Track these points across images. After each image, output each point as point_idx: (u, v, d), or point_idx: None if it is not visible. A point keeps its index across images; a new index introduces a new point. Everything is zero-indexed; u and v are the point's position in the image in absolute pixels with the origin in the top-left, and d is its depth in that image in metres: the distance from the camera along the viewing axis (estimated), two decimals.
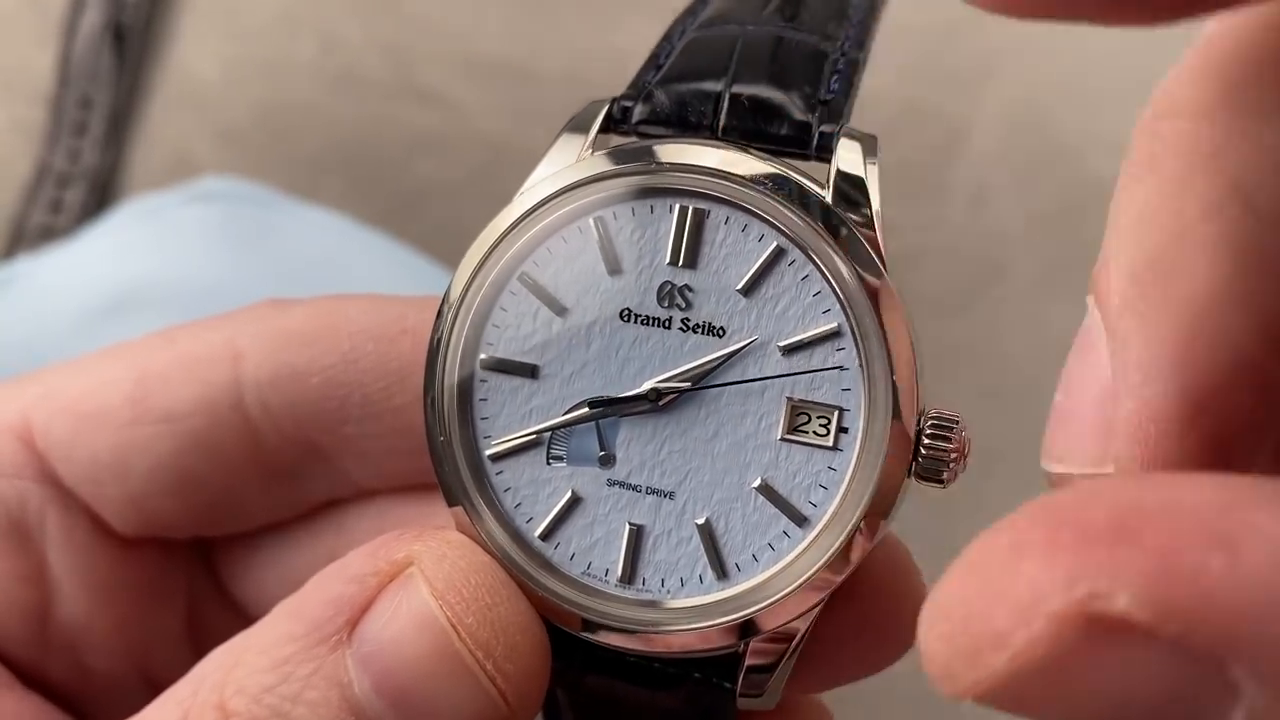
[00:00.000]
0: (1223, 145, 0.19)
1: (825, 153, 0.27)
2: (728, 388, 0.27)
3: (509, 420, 0.28)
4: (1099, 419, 0.19)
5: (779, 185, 0.26)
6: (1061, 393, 0.21)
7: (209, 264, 0.61)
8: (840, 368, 0.26)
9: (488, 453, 0.28)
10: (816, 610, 0.27)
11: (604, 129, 0.28)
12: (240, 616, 0.36)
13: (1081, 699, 0.16)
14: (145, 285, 0.60)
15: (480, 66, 0.86)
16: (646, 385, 0.27)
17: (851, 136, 0.27)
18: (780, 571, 0.27)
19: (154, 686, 0.29)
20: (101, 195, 0.83)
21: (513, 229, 0.28)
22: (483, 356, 0.28)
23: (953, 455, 0.26)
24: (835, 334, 0.26)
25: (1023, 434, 0.34)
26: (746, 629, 0.27)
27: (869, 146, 0.27)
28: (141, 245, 0.64)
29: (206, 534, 0.36)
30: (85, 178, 0.83)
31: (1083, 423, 0.20)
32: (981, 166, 0.82)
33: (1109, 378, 0.19)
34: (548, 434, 0.28)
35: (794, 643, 0.27)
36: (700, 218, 0.27)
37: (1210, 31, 0.21)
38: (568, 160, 0.28)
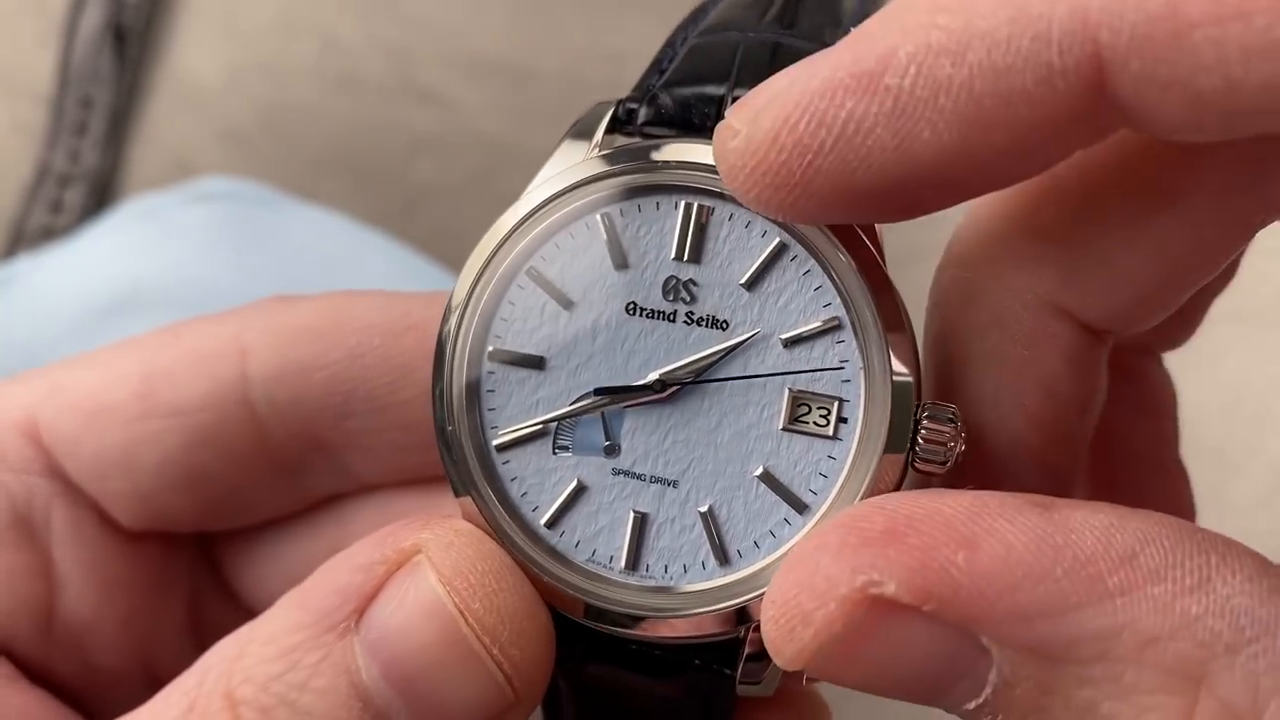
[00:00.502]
0: (982, 288, 0.27)
1: None
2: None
3: (516, 411, 0.28)
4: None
5: None
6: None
7: (209, 264, 0.62)
8: (840, 360, 0.27)
9: (495, 443, 0.29)
10: None
11: (609, 130, 0.29)
12: (243, 610, 0.37)
13: (872, 665, 0.22)
14: (145, 285, 0.60)
15: (480, 67, 0.86)
16: (652, 376, 0.28)
17: None
18: (781, 558, 0.27)
19: (157, 680, 0.30)
20: (101, 195, 0.84)
21: (521, 225, 0.28)
22: (491, 349, 0.29)
23: (950, 444, 0.26)
24: (836, 327, 0.27)
25: None
26: (747, 615, 0.27)
27: None
28: (142, 245, 0.64)
29: (211, 528, 0.36)
30: (85, 178, 0.83)
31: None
32: None
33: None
34: (554, 424, 0.28)
35: None
36: (705, 214, 0.28)
37: (973, 205, 0.28)
38: (574, 159, 0.28)
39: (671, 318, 0.28)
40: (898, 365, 0.27)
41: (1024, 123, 0.20)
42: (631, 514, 0.28)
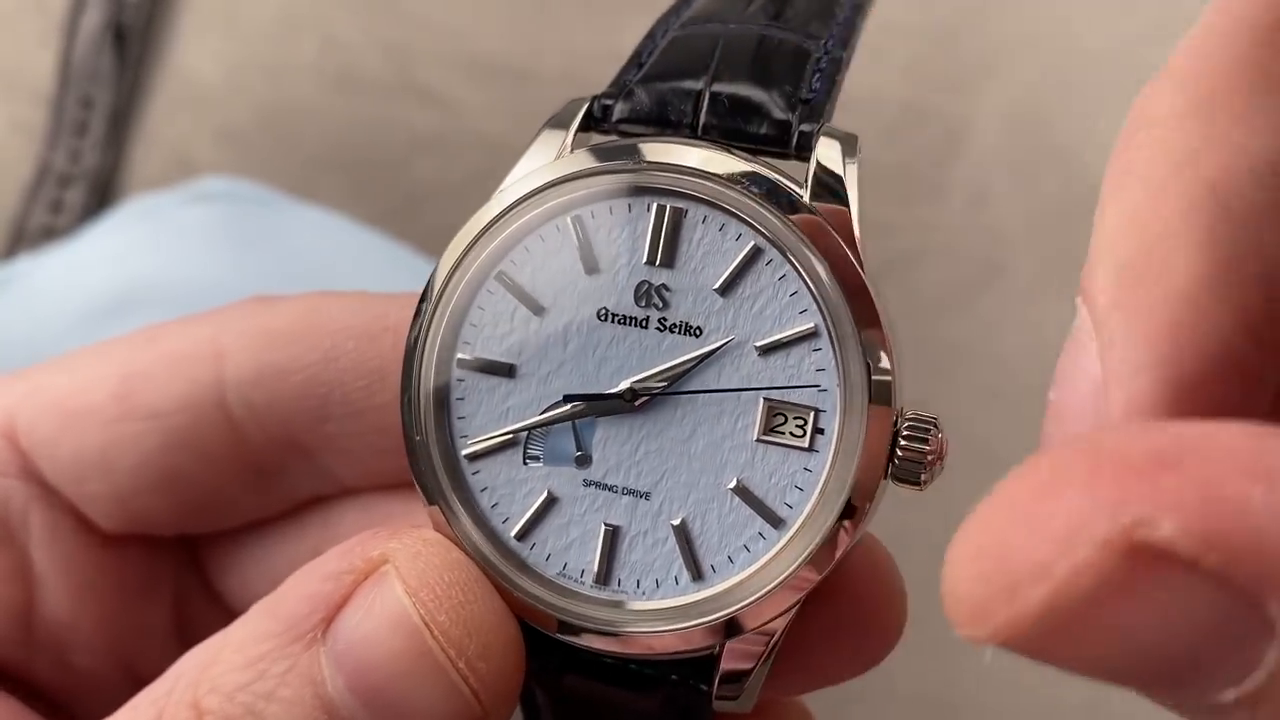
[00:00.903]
0: (1197, 150, 0.20)
1: (805, 151, 0.27)
2: (704, 386, 0.27)
3: (486, 420, 0.28)
4: (1091, 413, 0.20)
5: (757, 184, 0.26)
6: (1055, 390, 0.21)
7: (209, 264, 0.61)
8: (816, 368, 0.26)
9: (464, 452, 0.28)
10: (793, 612, 0.26)
11: (584, 127, 0.28)
12: (226, 613, 0.36)
13: (1112, 638, 0.16)
14: (145, 285, 0.60)
15: (480, 67, 0.86)
16: (623, 385, 0.27)
17: (831, 135, 0.27)
18: (756, 573, 0.26)
19: (139, 683, 0.29)
20: (102, 195, 0.84)
21: (490, 227, 0.28)
22: (460, 356, 0.28)
23: (929, 457, 0.25)
24: (812, 334, 0.26)
25: (1021, 433, 0.34)
26: (723, 630, 0.27)
27: (849, 145, 0.27)
28: (141, 245, 0.64)
29: (191, 531, 0.36)
30: (86, 178, 0.83)
31: (1076, 417, 0.20)
32: (981, 166, 0.81)
33: (1099, 374, 0.20)
34: (524, 433, 0.28)
35: (770, 644, 0.27)
36: (678, 217, 0.27)
37: (1179, 48, 0.22)
38: (547, 158, 0.28)
39: (644, 324, 0.27)
40: (876, 375, 0.26)
41: None
42: (603, 527, 0.27)
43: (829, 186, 0.26)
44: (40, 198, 0.83)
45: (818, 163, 0.27)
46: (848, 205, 0.26)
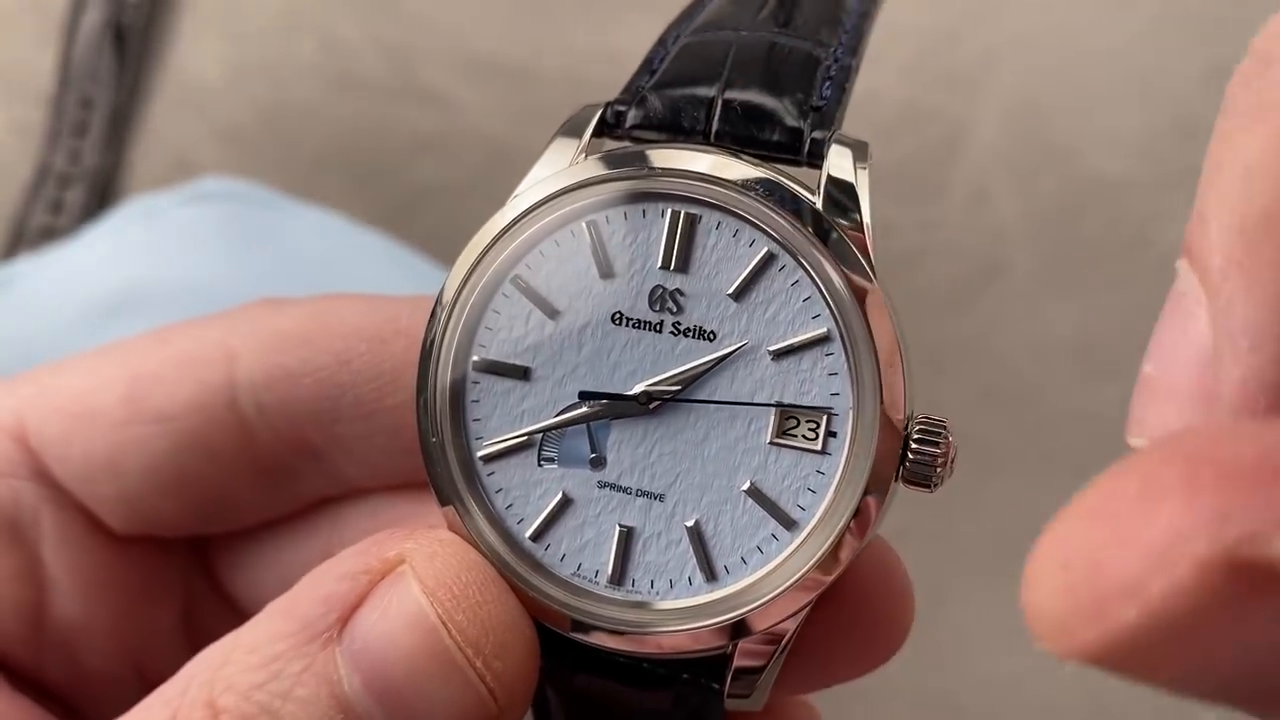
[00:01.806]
0: None
1: (816, 159, 0.27)
2: (718, 389, 0.27)
3: (501, 422, 0.28)
4: (1198, 389, 0.18)
5: (770, 191, 0.27)
6: (1151, 363, 0.19)
7: (209, 264, 0.61)
8: (829, 372, 0.27)
9: (479, 454, 0.28)
10: (805, 612, 0.27)
11: (597, 133, 0.29)
12: (235, 614, 0.37)
13: (1208, 661, 0.14)
14: (145, 286, 0.60)
15: (480, 67, 0.86)
16: (638, 388, 0.27)
17: (842, 143, 0.27)
18: (769, 574, 0.27)
19: (149, 684, 0.29)
20: (102, 196, 0.84)
21: (506, 232, 0.28)
22: (475, 358, 0.28)
23: (939, 460, 0.26)
24: (824, 339, 0.26)
25: (1022, 433, 0.34)
26: (736, 630, 0.27)
27: (860, 152, 0.27)
28: (141, 245, 0.64)
29: (201, 532, 0.36)
30: (86, 178, 0.83)
31: (1179, 393, 0.18)
32: (981, 166, 0.82)
33: (1208, 344, 0.17)
34: (539, 436, 0.28)
35: (782, 644, 0.27)
36: (692, 222, 0.27)
37: None
38: (561, 165, 0.28)
39: (658, 328, 0.27)
40: (887, 378, 0.26)
41: None
42: (617, 528, 0.27)
43: (841, 193, 0.27)
44: (40, 198, 0.83)
45: (830, 170, 0.27)
46: (859, 212, 0.27)
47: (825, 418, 0.26)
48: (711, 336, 0.27)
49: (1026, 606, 0.15)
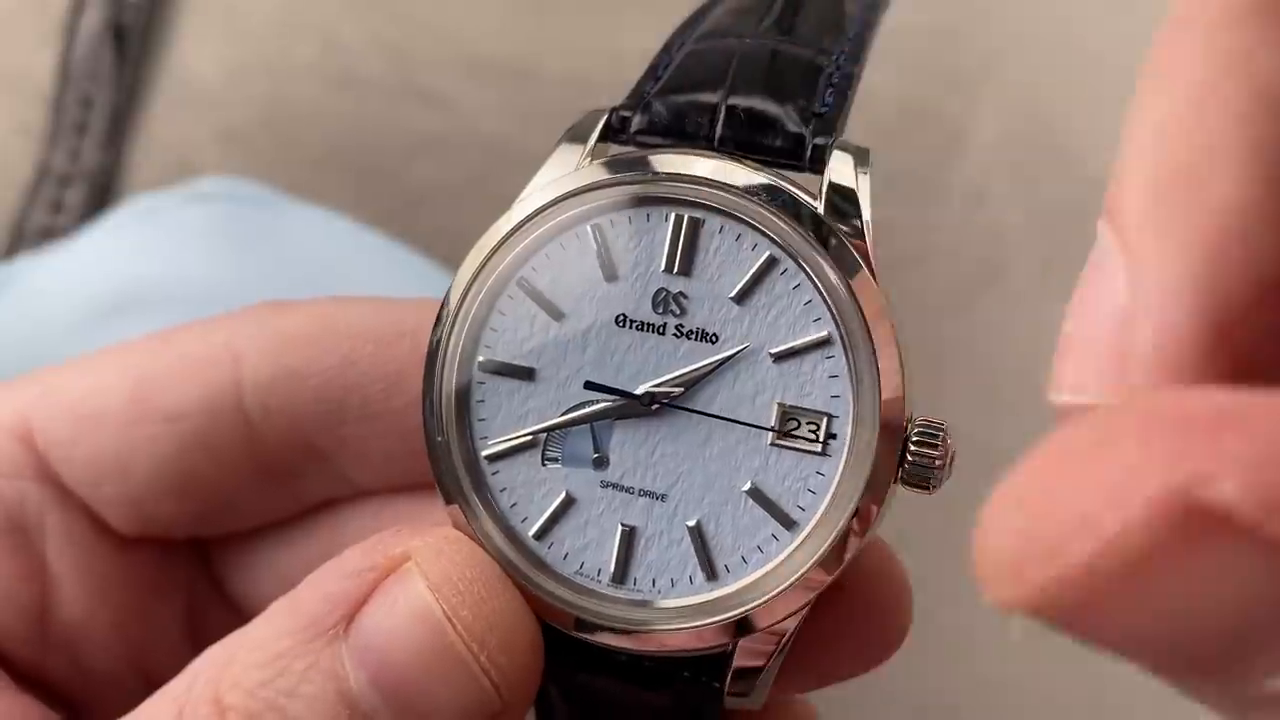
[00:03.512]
0: (1251, 52, 0.17)
1: (818, 165, 0.28)
2: (720, 391, 0.27)
3: (506, 422, 0.28)
4: (1114, 345, 0.18)
5: (772, 196, 0.27)
6: (1071, 322, 0.19)
7: (209, 264, 0.62)
8: (829, 375, 0.27)
9: (484, 453, 0.29)
10: (804, 611, 0.27)
11: (602, 138, 0.29)
12: (238, 615, 0.37)
13: (1157, 608, 0.14)
14: (145, 286, 0.60)
15: (481, 67, 0.86)
16: (641, 389, 0.28)
17: (844, 149, 0.28)
18: (769, 573, 0.27)
19: (153, 685, 0.30)
20: (102, 195, 0.84)
21: (511, 235, 0.28)
22: (481, 359, 0.29)
23: (938, 462, 0.26)
24: (825, 342, 0.27)
25: (1022, 434, 0.34)
26: (736, 629, 0.27)
27: (861, 158, 0.28)
28: (141, 245, 0.64)
29: (205, 533, 0.36)
30: (86, 178, 0.83)
31: (1096, 350, 0.18)
32: (981, 166, 0.82)
33: (1125, 302, 0.17)
34: (543, 435, 0.28)
35: (781, 643, 0.28)
36: (695, 226, 0.27)
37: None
38: (566, 169, 0.28)
39: (661, 330, 0.28)
40: (886, 381, 0.26)
41: None
42: (620, 527, 0.28)
43: (842, 199, 0.27)
44: (40, 198, 0.83)
45: (831, 175, 0.27)
46: (860, 217, 0.27)
47: (825, 420, 0.27)
48: (714, 339, 0.27)
49: (977, 552, 0.15)
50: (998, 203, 0.82)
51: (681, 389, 0.27)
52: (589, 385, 0.28)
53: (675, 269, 0.27)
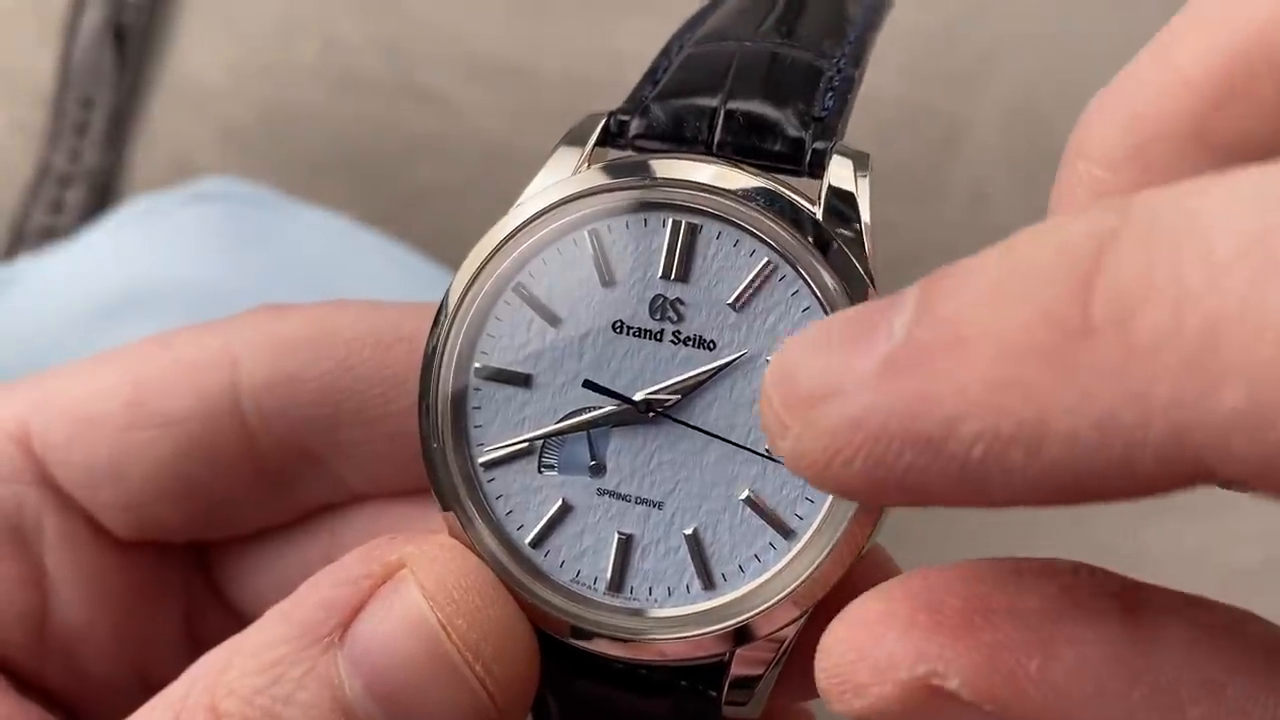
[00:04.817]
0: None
1: (818, 169, 0.27)
2: (717, 398, 0.27)
3: (502, 428, 0.28)
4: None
5: (770, 201, 0.27)
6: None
7: (208, 265, 0.62)
8: None
9: (480, 460, 0.28)
10: (802, 621, 0.27)
11: (600, 142, 0.29)
12: (236, 619, 0.37)
13: None
14: (145, 286, 0.60)
15: (481, 68, 0.86)
16: (638, 396, 0.27)
17: (844, 154, 0.27)
18: (766, 582, 0.27)
19: (151, 689, 0.30)
20: (102, 195, 0.84)
21: (508, 240, 0.28)
22: (477, 365, 0.28)
23: None
24: None
25: None
26: (734, 638, 0.27)
27: (860, 163, 0.27)
28: (141, 246, 0.64)
29: (203, 537, 0.36)
30: (86, 178, 0.83)
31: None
32: (981, 166, 0.82)
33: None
34: (540, 442, 0.28)
35: (779, 652, 0.27)
36: (693, 232, 0.27)
37: (1121, 84, 0.24)
38: (564, 173, 0.28)
39: (659, 337, 0.27)
40: None
41: (1088, 491, 0.18)
42: (616, 535, 0.28)
43: (841, 203, 0.27)
44: (40, 198, 0.83)
45: (830, 180, 0.27)
46: (859, 222, 0.27)
47: None
48: (711, 345, 0.27)
49: (815, 673, 0.22)
50: (998, 202, 0.82)
51: (678, 396, 0.27)
52: (587, 384, 0.27)
53: (673, 275, 0.27)
